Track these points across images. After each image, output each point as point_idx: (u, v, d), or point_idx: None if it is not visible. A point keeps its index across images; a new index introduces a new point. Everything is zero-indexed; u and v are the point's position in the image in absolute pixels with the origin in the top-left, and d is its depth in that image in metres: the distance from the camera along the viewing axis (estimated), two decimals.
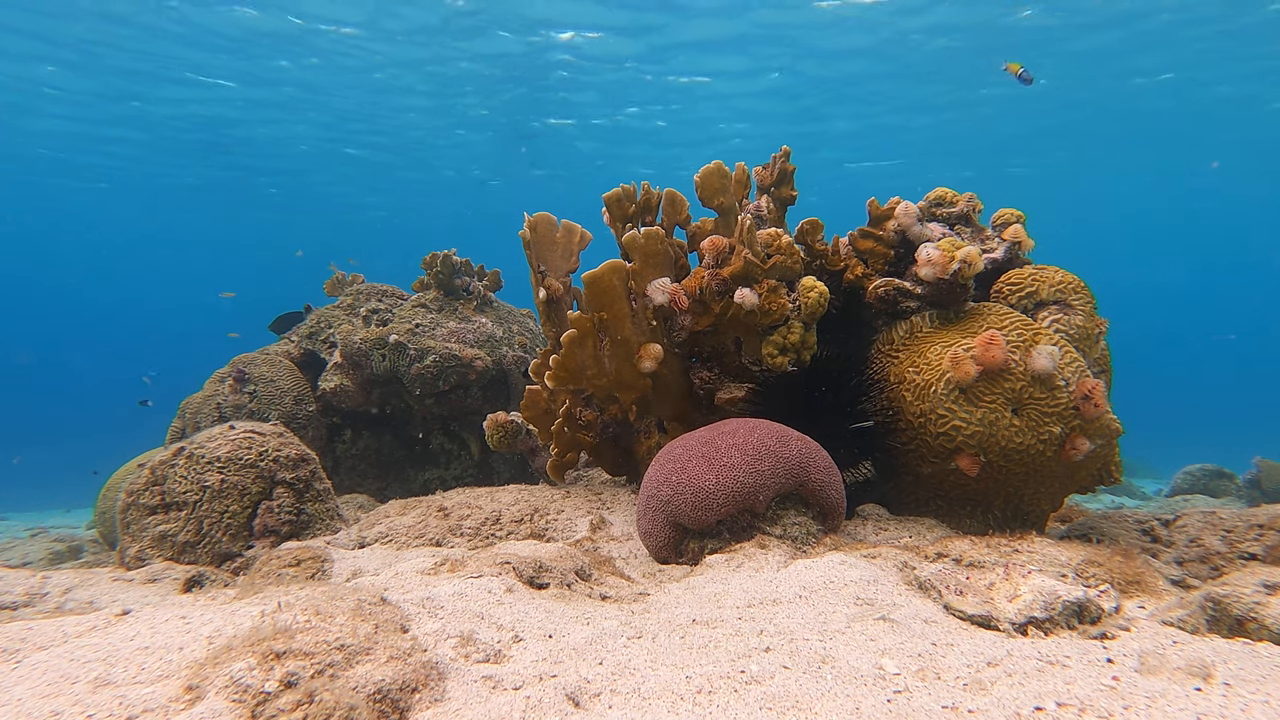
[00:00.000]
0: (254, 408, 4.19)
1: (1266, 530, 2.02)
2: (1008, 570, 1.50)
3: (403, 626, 1.26)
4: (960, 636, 1.30)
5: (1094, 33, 11.34)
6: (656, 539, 2.05)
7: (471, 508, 2.44)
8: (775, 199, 2.89)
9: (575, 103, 14.16)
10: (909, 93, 13.61)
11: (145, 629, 1.25)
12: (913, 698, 1.04)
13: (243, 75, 12.55)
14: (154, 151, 15.93)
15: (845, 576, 1.62)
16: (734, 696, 1.05)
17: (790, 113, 14.63)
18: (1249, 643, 1.27)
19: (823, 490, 2.02)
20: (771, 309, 2.44)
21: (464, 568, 1.70)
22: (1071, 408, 2.19)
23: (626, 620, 1.44)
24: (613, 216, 2.73)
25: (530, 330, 4.82)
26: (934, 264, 2.40)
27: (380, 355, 4.20)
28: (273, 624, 1.11)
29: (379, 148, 16.55)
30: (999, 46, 11.63)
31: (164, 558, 2.36)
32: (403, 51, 11.92)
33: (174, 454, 2.50)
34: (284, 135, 15.50)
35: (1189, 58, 12.10)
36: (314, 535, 2.53)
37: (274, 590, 1.53)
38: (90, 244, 30.60)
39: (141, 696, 1.00)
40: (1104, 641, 1.32)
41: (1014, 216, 2.67)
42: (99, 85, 12.09)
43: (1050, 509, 2.40)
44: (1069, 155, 17.33)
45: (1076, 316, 2.41)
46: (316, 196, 20.47)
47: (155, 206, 20.89)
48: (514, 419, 3.11)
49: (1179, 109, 14.18)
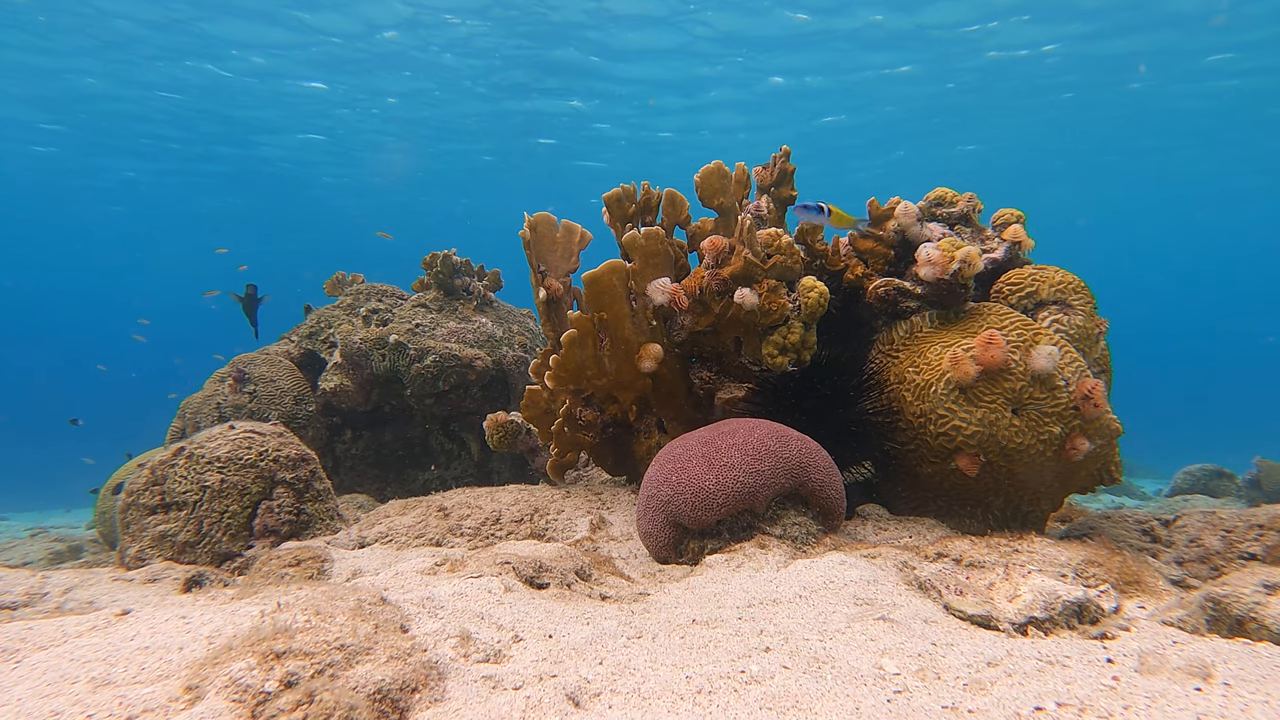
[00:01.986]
0: (254, 408, 4.19)
1: (1266, 530, 2.02)
2: (1008, 570, 1.50)
3: (403, 626, 1.26)
4: (960, 636, 1.30)
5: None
6: (656, 539, 2.05)
7: (471, 508, 2.44)
8: (775, 199, 2.89)
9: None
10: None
11: (145, 629, 1.25)
12: (913, 698, 1.04)
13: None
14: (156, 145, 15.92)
15: (845, 576, 1.62)
16: (734, 696, 1.05)
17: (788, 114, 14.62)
18: (1249, 643, 1.27)
19: (823, 490, 2.02)
20: (771, 309, 2.44)
21: (464, 568, 1.70)
22: (1071, 408, 2.19)
23: (626, 620, 1.44)
24: (613, 216, 2.73)
25: (530, 330, 4.82)
26: (934, 264, 2.40)
27: (380, 355, 4.20)
28: (273, 624, 1.11)
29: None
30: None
31: (164, 558, 2.36)
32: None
33: (174, 454, 2.50)
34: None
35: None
36: (314, 535, 2.53)
37: (274, 590, 1.53)
38: (90, 243, 30.61)
39: (141, 696, 1.00)
40: (1104, 641, 1.32)
41: (1014, 216, 2.67)
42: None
43: (1050, 509, 2.40)
44: (1068, 151, 17.30)
45: (1076, 316, 2.41)
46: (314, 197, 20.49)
47: (155, 204, 20.90)
48: (514, 419, 3.11)
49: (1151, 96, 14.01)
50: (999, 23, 11.19)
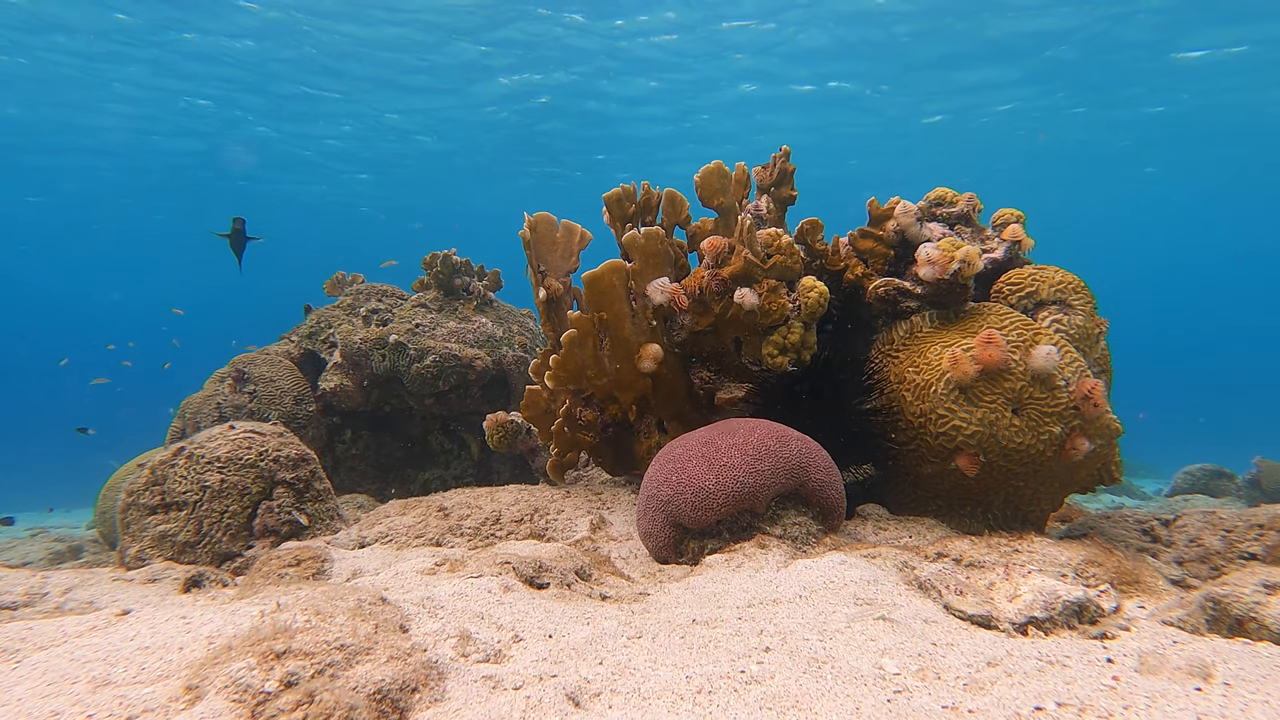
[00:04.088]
0: (254, 408, 4.19)
1: (1266, 530, 2.02)
2: (1008, 570, 1.50)
3: (403, 626, 1.26)
4: (960, 636, 1.30)
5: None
6: (656, 539, 2.05)
7: (471, 508, 2.44)
8: (775, 199, 2.89)
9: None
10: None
11: (145, 629, 1.25)
12: (913, 697, 1.04)
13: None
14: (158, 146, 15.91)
15: (845, 576, 1.62)
16: (734, 696, 1.05)
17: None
18: (1249, 643, 1.27)
19: (823, 490, 2.02)
20: (771, 309, 2.44)
21: (464, 567, 1.70)
22: (1071, 408, 2.19)
23: (626, 620, 1.44)
24: (613, 216, 2.73)
25: (530, 330, 4.82)
26: (934, 264, 2.40)
27: (380, 355, 4.20)
28: (272, 624, 1.11)
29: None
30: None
31: (164, 558, 2.36)
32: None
33: (174, 454, 2.50)
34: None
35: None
36: (314, 535, 2.53)
37: (274, 590, 1.53)
38: (86, 242, 30.55)
39: (141, 696, 1.00)
40: (1104, 641, 1.32)
41: (1014, 216, 2.67)
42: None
43: (1050, 509, 2.40)
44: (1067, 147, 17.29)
45: (1076, 316, 2.41)
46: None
47: (155, 202, 20.87)
48: (514, 419, 3.11)
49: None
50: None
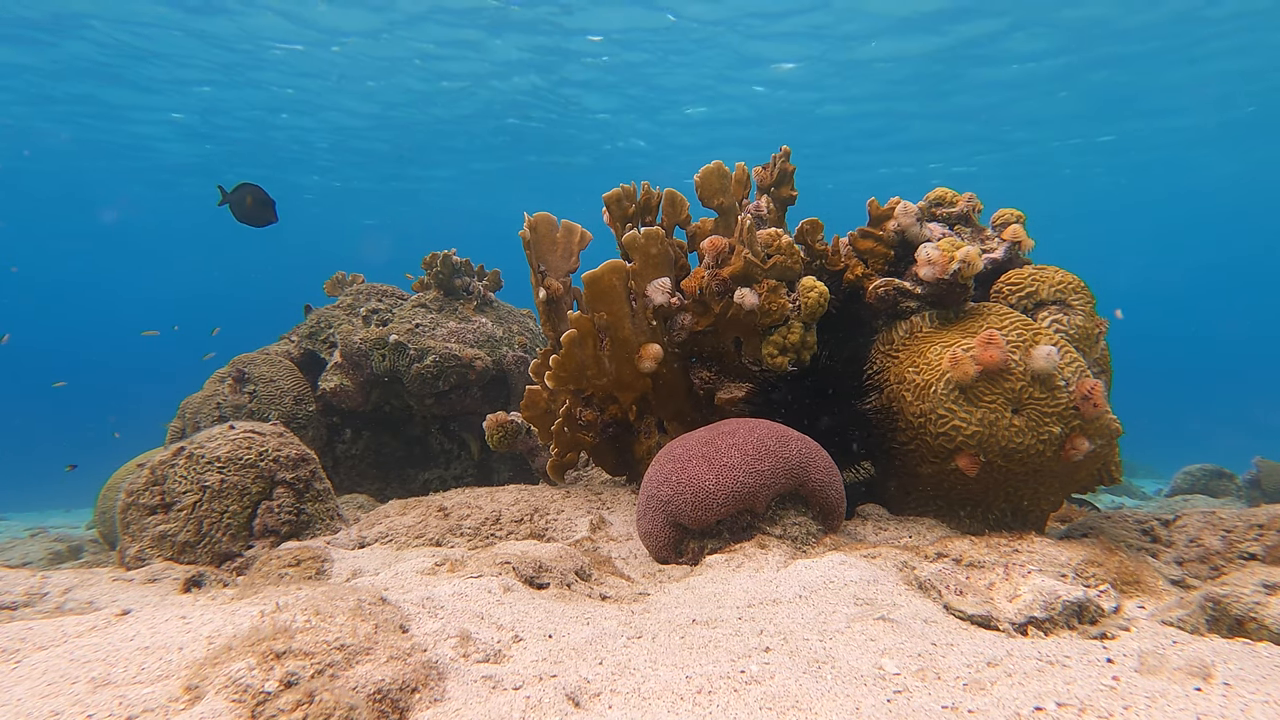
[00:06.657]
0: (254, 408, 4.19)
1: (1266, 530, 2.02)
2: (1008, 570, 1.50)
3: (402, 626, 1.26)
4: (960, 636, 1.30)
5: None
6: (656, 539, 2.05)
7: (471, 508, 2.44)
8: (775, 199, 2.89)
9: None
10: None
11: (145, 629, 1.25)
12: (913, 698, 1.04)
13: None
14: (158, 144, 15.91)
15: (845, 576, 1.62)
16: (734, 696, 1.05)
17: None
18: (1249, 643, 1.27)
19: (823, 490, 2.02)
20: (771, 309, 2.44)
21: (464, 568, 1.70)
22: (1071, 408, 2.19)
23: (626, 620, 1.44)
24: (613, 216, 2.73)
25: (530, 330, 4.82)
26: (934, 264, 2.40)
27: (380, 355, 4.20)
28: (272, 624, 1.11)
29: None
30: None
31: (164, 558, 2.36)
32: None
33: (174, 454, 2.50)
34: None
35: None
36: (314, 535, 2.53)
37: (274, 590, 1.53)
38: (87, 240, 30.58)
39: (141, 696, 1.00)
40: (1104, 641, 1.32)
41: (1014, 216, 2.67)
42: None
43: (1050, 509, 2.40)
44: (1068, 145, 17.26)
45: (1076, 316, 2.41)
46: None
47: (155, 201, 20.88)
48: (514, 419, 3.11)
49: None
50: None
